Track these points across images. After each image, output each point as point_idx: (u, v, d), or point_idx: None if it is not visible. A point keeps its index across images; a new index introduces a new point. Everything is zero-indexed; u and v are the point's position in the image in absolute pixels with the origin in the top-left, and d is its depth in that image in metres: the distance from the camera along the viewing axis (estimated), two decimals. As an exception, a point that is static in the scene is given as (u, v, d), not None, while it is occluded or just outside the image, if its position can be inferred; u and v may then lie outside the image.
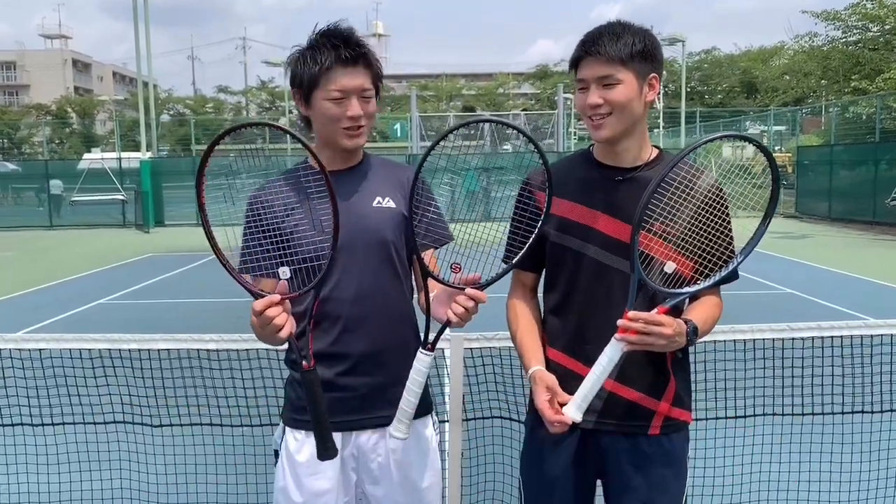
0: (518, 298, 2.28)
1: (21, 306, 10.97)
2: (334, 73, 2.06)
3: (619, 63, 1.98)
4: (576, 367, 2.09)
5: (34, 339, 3.28)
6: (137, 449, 3.57)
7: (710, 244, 2.01)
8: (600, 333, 2.00)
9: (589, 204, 2.09)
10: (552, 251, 2.16)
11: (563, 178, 2.15)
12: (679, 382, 2.14)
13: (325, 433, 1.93)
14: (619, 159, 2.10)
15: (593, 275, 2.08)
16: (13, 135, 58.49)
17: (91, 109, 63.88)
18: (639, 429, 2.10)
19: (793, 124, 33.59)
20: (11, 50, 78.97)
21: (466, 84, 69.93)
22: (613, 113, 2.01)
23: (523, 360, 2.17)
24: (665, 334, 1.89)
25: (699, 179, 2.02)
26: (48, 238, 22.05)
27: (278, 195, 2.13)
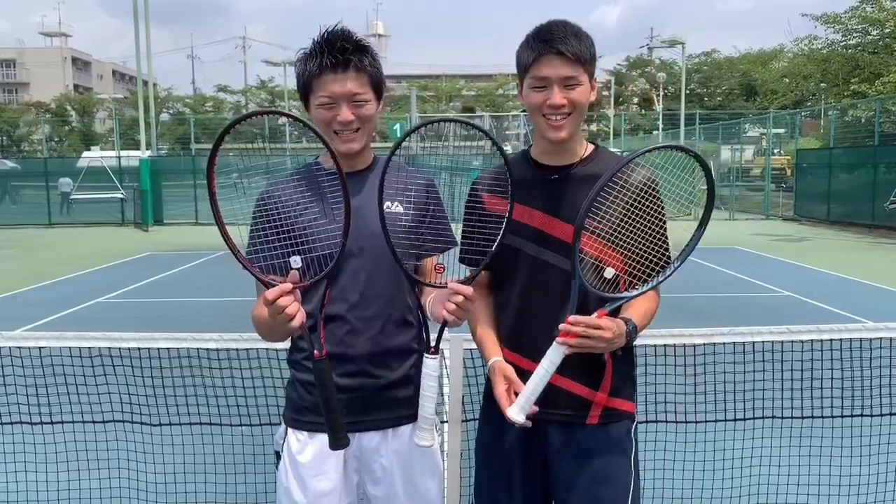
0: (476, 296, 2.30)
1: (20, 304, 10.96)
2: (323, 79, 2.07)
3: (580, 64, 2.03)
4: (518, 360, 2.14)
5: (34, 336, 3.27)
6: (136, 448, 3.57)
7: (644, 239, 2.04)
8: (538, 327, 2.06)
9: (527, 203, 2.13)
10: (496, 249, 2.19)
11: (503, 178, 2.18)
12: (617, 373, 2.16)
13: (336, 423, 1.94)
14: (558, 158, 2.15)
15: (531, 270, 2.13)
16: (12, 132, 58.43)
17: (90, 107, 63.84)
18: (577, 418, 2.14)
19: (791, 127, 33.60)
20: (11, 47, 78.92)
21: (466, 85, 69.98)
22: (573, 113, 2.06)
23: (482, 353, 2.22)
24: (605, 338, 1.93)
25: (633, 174, 2.04)
26: (47, 236, 22.04)
27: (289, 192, 2.13)
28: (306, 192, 2.11)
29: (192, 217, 25.31)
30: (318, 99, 2.09)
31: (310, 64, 2.08)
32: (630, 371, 2.23)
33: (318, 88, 2.08)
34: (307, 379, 2.16)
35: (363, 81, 2.11)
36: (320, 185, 2.07)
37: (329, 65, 2.06)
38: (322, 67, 2.06)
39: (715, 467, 3.52)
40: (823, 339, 3.20)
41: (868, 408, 3.43)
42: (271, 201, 2.14)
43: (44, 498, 3.55)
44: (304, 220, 2.09)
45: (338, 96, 2.07)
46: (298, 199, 2.11)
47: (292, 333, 2.03)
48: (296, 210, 2.10)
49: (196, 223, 24.90)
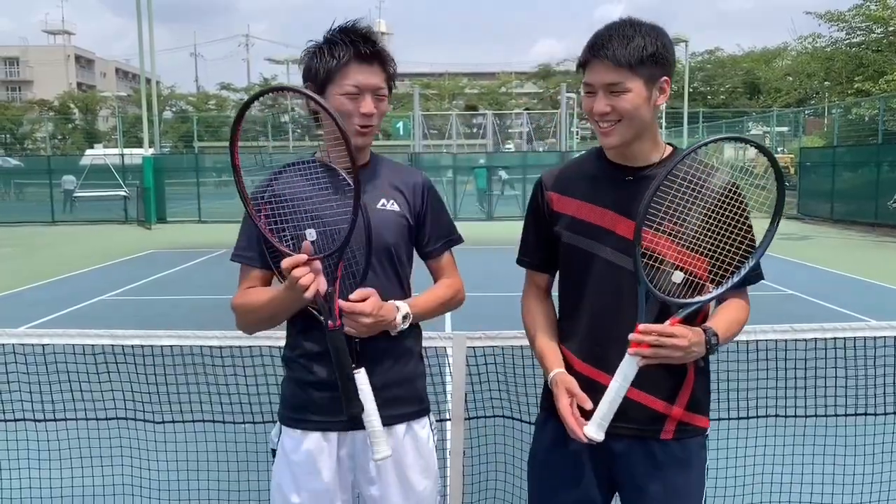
0: (533, 300, 2.25)
1: (22, 302, 10.98)
2: (350, 69, 2.06)
3: (628, 69, 1.90)
4: (588, 370, 2.06)
5: (37, 333, 3.27)
6: (139, 445, 3.57)
7: (725, 245, 1.96)
8: (612, 336, 1.97)
9: (600, 203, 2.04)
10: (564, 252, 2.12)
11: (573, 177, 2.13)
12: (697, 387, 2.07)
13: (351, 392, 1.97)
14: (631, 159, 2.05)
15: (605, 276, 2.03)
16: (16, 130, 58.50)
17: (94, 105, 63.87)
18: (651, 433, 2.05)
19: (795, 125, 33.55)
20: (14, 45, 79.05)
21: (469, 83, 69.86)
22: (622, 120, 1.95)
23: (543, 363, 2.13)
24: (680, 346, 1.85)
25: (712, 178, 1.97)
26: (50, 234, 22.07)
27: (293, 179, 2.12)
28: (309, 181, 2.10)
29: (196, 215, 25.35)
30: (344, 88, 2.06)
31: (337, 53, 2.06)
32: (708, 386, 2.14)
33: (344, 77, 2.06)
34: (301, 377, 2.16)
35: (384, 76, 2.11)
36: (322, 177, 2.07)
37: (363, 55, 2.06)
38: (355, 57, 2.05)
39: (718, 465, 3.49)
40: (827, 337, 3.19)
41: (872, 406, 3.42)
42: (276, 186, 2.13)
43: (47, 495, 3.55)
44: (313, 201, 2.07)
45: (364, 87, 2.07)
46: (303, 184, 2.10)
47: (299, 306, 2.04)
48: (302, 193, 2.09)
49: (199, 221, 24.94)
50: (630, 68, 1.90)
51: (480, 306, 2.39)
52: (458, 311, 2.52)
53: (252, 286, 2.17)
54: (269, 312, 2.11)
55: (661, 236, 1.94)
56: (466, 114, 51.07)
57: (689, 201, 1.92)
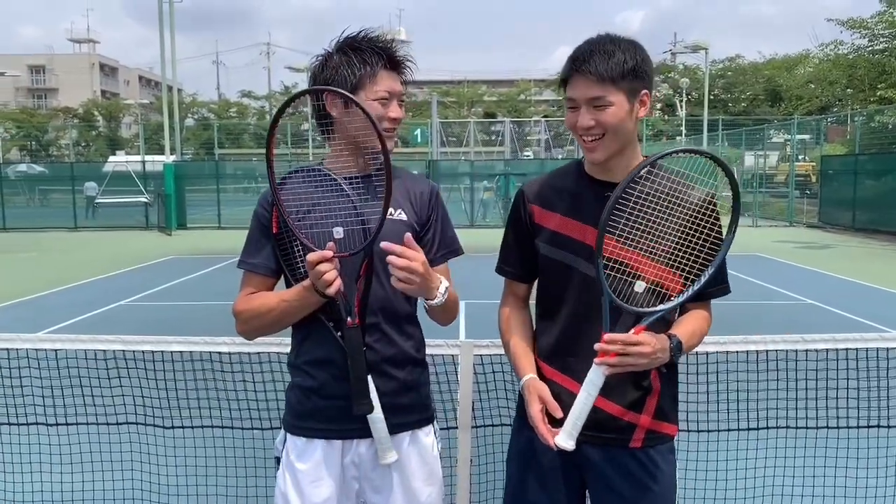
0: (510, 308, 2.28)
1: (43, 306, 11.13)
2: (381, 76, 2.11)
3: (610, 83, 1.94)
4: (560, 379, 2.09)
5: (51, 339, 3.33)
6: (149, 450, 3.60)
7: (697, 258, 1.98)
8: (585, 346, 1.99)
9: (580, 219, 2.08)
10: (544, 264, 2.16)
11: (555, 191, 2.16)
12: (663, 395, 2.11)
13: (362, 390, 2.00)
14: (611, 174, 2.07)
15: (582, 289, 2.07)
16: (41, 137, 59.43)
17: (117, 113, 64.79)
18: (620, 441, 2.09)
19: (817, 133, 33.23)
20: (41, 54, 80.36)
21: (488, 90, 69.96)
22: (606, 134, 1.99)
23: (516, 368, 2.17)
24: (644, 353, 1.88)
25: (690, 191, 2.00)
26: (72, 239, 22.37)
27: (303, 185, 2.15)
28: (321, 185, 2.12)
29: (216, 221, 25.56)
30: (378, 94, 2.11)
31: (369, 60, 2.10)
32: (675, 393, 2.18)
33: (375, 84, 2.11)
34: (306, 384, 2.17)
35: (402, 83, 2.19)
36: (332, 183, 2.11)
37: (388, 63, 2.13)
38: (386, 66, 2.13)
39: (728, 477, 3.47)
40: (839, 347, 3.15)
41: (885, 418, 3.37)
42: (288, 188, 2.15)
43: (58, 498, 3.59)
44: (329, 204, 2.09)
45: (393, 93, 2.14)
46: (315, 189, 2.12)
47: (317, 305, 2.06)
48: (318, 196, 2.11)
49: (219, 227, 25.15)
50: (612, 82, 1.94)
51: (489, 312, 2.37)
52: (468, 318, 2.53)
53: (254, 292, 2.19)
54: (279, 315, 2.12)
55: (630, 248, 1.96)
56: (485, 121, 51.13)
57: (663, 214, 1.95)
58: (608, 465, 2.09)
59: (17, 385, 3.46)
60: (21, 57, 75.19)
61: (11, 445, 3.53)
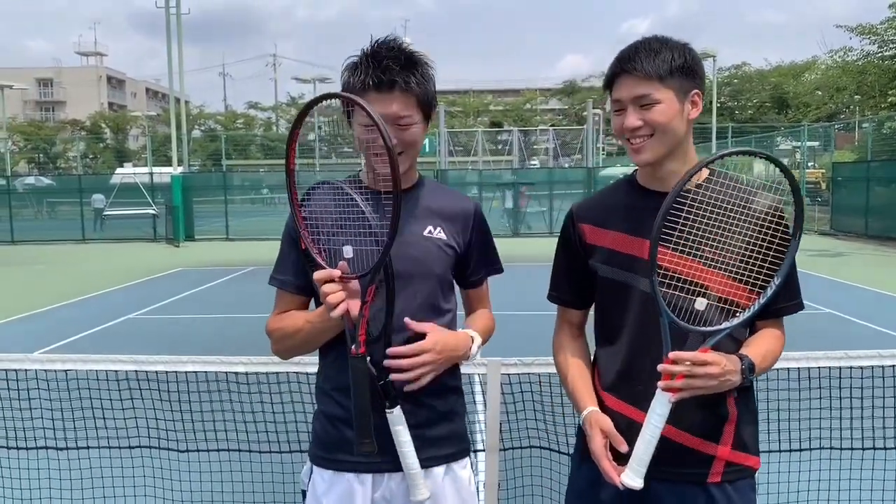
0: (565, 337, 2.14)
1: (51, 320, 11.03)
2: (366, 98, 1.87)
3: (657, 80, 1.83)
4: (628, 411, 1.94)
5: (61, 359, 3.20)
6: (163, 475, 3.46)
7: (763, 270, 1.83)
8: (650, 372, 1.85)
9: (636, 233, 1.93)
10: (602, 286, 2.02)
11: (606, 207, 2.03)
12: (741, 422, 1.94)
13: (364, 426, 1.83)
14: (665, 183, 1.93)
15: (644, 309, 1.91)
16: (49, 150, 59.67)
17: (124, 125, 65.04)
18: (696, 477, 1.90)
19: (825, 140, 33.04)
20: (49, 67, 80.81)
21: (494, 100, 70.04)
22: (654, 134, 1.86)
23: (575, 403, 2.02)
24: (713, 374, 1.72)
25: (755, 198, 1.86)
26: (80, 252, 22.32)
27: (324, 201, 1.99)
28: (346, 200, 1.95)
29: (223, 233, 25.51)
30: (360, 120, 1.90)
31: (353, 79, 1.93)
32: (755, 419, 2.01)
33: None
34: (334, 413, 2.03)
35: (409, 103, 1.93)
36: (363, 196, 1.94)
37: (372, 84, 1.90)
38: (370, 86, 1.90)
39: (769, 501, 3.31)
40: (885, 364, 3.01)
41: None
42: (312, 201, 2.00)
43: (68, 525, 3.46)
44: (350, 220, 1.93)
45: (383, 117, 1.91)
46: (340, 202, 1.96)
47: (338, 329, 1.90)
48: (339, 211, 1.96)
49: (227, 239, 25.09)
50: (659, 79, 1.83)
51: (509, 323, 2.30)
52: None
53: (287, 311, 2.06)
54: (304, 338, 1.99)
55: (690, 258, 1.82)
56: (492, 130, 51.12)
57: (725, 221, 1.81)
58: (683, 503, 1.91)
59: (26, 407, 3.34)
60: (29, 70, 75.60)
61: (20, 470, 3.41)
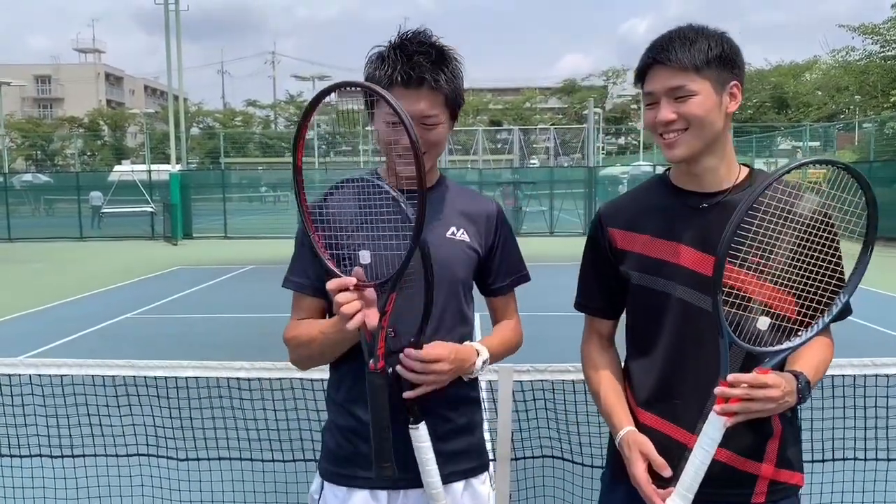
0: (595, 349, 2.01)
1: (49, 319, 10.90)
2: (394, 94, 1.74)
3: (693, 71, 1.71)
4: (666, 428, 1.81)
5: (55, 363, 3.09)
6: (161, 484, 3.34)
7: (815, 280, 1.70)
8: (691, 387, 1.75)
9: (671, 237, 1.81)
10: (634, 294, 1.89)
11: (637, 209, 1.91)
12: (785, 439, 1.82)
13: (383, 448, 1.70)
14: (702, 183, 1.82)
15: (681, 319, 1.79)
16: (47, 147, 59.51)
17: (122, 122, 64.91)
18: (740, 498, 1.79)
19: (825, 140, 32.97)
20: (47, 64, 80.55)
21: (493, 98, 69.91)
22: (690, 128, 1.74)
23: (611, 420, 1.89)
24: (772, 397, 1.60)
25: (800, 202, 1.73)
26: (78, 249, 22.18)
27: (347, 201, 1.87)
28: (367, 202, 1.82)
29: (222, 231, 25.38)
30: (385, 116, 1.79)
31: (379, 72, 1.81)
32: (798, 434, 1.90)
33: (384, 105, 1.75)
34: (348, 425, 1.91)
35: (437, 101, 1.81)
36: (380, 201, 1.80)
37: (401, 80, 1.78)
38: (397, 82, 1.78)
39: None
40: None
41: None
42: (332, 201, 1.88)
43: (63, 536, 3.34)
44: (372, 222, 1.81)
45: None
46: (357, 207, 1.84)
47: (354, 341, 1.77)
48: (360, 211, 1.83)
49: (225, 237, 24.95)
50: (695, 70, 1.71)
51: None
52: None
53: (305, 317, 1.94)
54: (318, 349, 1.86)
55: (746, 273, 1.68)
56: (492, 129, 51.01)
57: (775, 231, 1.68)
58: None
59: (19, 413, 3.23)
60: (27, 67, 75.38)
61: (13, 479, 3.29)
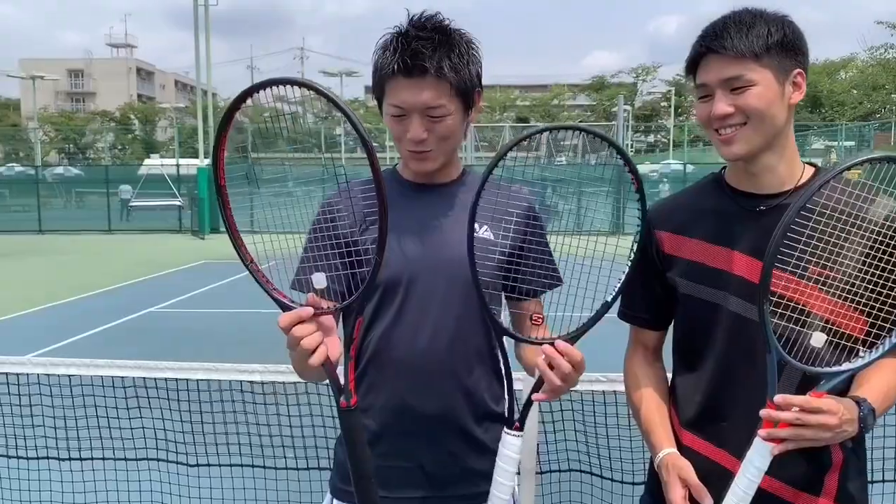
0: (639, 363, 1.85)
1: (74, 312, 10.93)
2: (395, 84, 1.64)
3: (752, 59, 1.54)
4: (710, 452, 1.65)
5: (64, 363, 2.98)
6: (171, 490, 3.21)
7: (886, 294, 1.51)
8: (740, 409, 1.59)
9: (723, 242, 1.65)
10: (682, 304, 1.72)
11: (688, 211, 1.73)
12: (847, 470, 1.63)
13: (368, 496, 1.52)
14: (761, 183, 1.64)
15: (732, 332, 1.63)
16: (79, 140, 60.34)
17: (152, 116, 65.59)
18: None
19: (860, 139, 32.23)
20: (80, 58, 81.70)
21: (521, 95, 69.49)
22: (749, 122, 1.56)
23: (650, 440, 1.73)
24: (828, 425, 1.41)
25: (872, 207, 1.54)
26: (106, 242, 22.36)
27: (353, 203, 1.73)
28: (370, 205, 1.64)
29: (248, 226, 25.37)
30: (388, 108, 1.67)
31: (382, 61, 1.66)
32: (863, 466, 1.70)
33: (389, 94, 1.67)
34: None
35: (443, 91, 1.65)
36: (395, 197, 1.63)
37: (400, 69, 1.62)
38: (402, 69, 1.62)
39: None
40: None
41: None
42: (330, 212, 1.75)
43: (70, 541, 3.23)
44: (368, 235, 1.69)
45: (408, 108, 1.65)
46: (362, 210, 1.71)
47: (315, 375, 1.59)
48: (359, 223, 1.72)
49: (252, 231, 24.98)
50: (754, 57, 1.55)
51: None
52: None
53: None
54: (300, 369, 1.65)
55: (805, 283, 1.51)
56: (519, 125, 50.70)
57: (840, 237, 1.50)
58: None
59: (27, 413, 3.12)
60: (61, 61, 76.47)
61: (20, 481, 3.19)
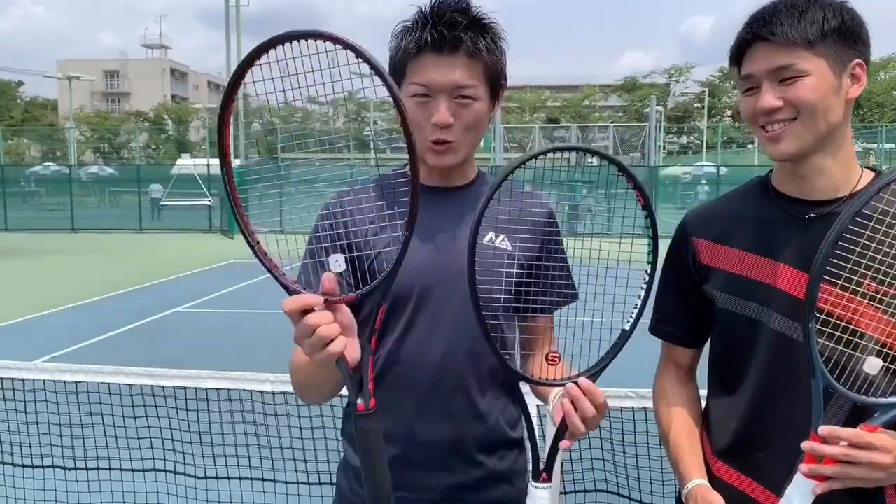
0: (670, 382, 1.69)
1: (101, 311, 10.98)
2: (422, 62, 1.49)
3: (804, 47, 1.37)
4: (743, 484, 1.50)
5: (70, 369, 2.89)
6: (178, 502, 3.10)
7: None
8: (780, 439, 1.43)
9: (768, 253, 1.48)
10: (721, 319, 1.55)
11: (730, 218, 1.56)
12: None
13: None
14: (811, 188, 1.47)
15: (774, 353, 1.46)
16: (113, 140, 61.30)
17: (186, 117, 66.36)
18: None
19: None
20: (115, 59, 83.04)
21: (551, 96, 69.07)
22: (799, 118, 1.39)
23: (677, 469, 1.57)
24: (881, 464, 1.24)
25: None
26: (136, 241, 22.58)
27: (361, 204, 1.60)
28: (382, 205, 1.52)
29: (278, 226, 25.48)
30: (410, 88, 1.50)
31: (406, 39, 1.51)
32: None
33: (413, 73, 1.50)
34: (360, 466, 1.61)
35: (475, 72, 1.51)
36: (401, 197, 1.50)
37: (430, 42, 1.47)
38: (421, 45, 1.48)
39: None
40: None
41: None
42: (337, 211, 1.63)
43: (76, 553, 3.14)
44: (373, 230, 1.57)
45: (436, 87, 1.49)
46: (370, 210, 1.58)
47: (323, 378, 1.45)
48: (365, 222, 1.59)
49: (281, 231, 25.09)
50: (807, 45, 1.38)
51: None
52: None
53: None
54: (304, 379, 1.55)
55: (859, 300, 1.35)
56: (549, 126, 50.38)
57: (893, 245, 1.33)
58: None
59: (32, 421, 3.03)
60: (97, 62, 77.79)
61: (24, 490, 3.10)
